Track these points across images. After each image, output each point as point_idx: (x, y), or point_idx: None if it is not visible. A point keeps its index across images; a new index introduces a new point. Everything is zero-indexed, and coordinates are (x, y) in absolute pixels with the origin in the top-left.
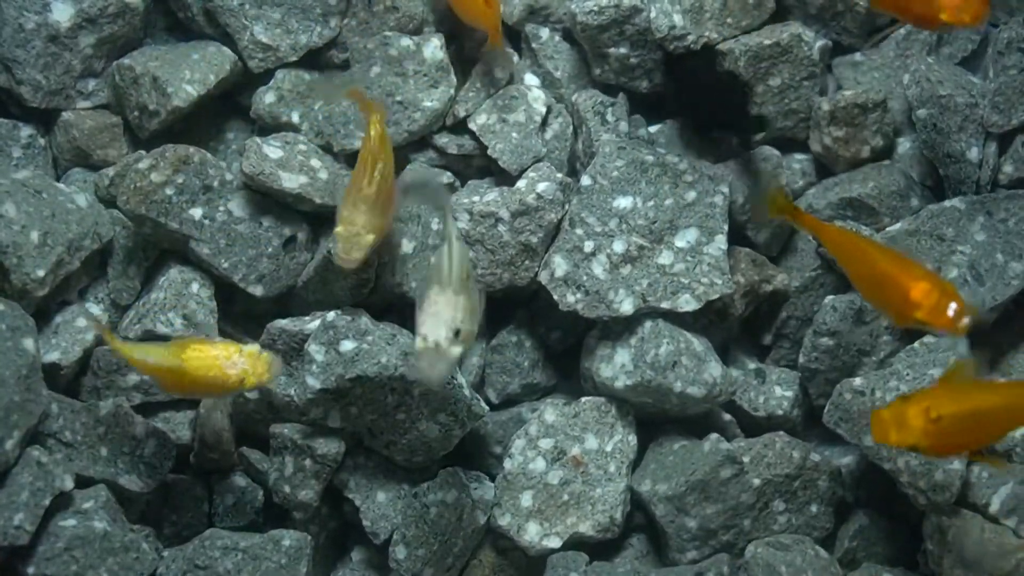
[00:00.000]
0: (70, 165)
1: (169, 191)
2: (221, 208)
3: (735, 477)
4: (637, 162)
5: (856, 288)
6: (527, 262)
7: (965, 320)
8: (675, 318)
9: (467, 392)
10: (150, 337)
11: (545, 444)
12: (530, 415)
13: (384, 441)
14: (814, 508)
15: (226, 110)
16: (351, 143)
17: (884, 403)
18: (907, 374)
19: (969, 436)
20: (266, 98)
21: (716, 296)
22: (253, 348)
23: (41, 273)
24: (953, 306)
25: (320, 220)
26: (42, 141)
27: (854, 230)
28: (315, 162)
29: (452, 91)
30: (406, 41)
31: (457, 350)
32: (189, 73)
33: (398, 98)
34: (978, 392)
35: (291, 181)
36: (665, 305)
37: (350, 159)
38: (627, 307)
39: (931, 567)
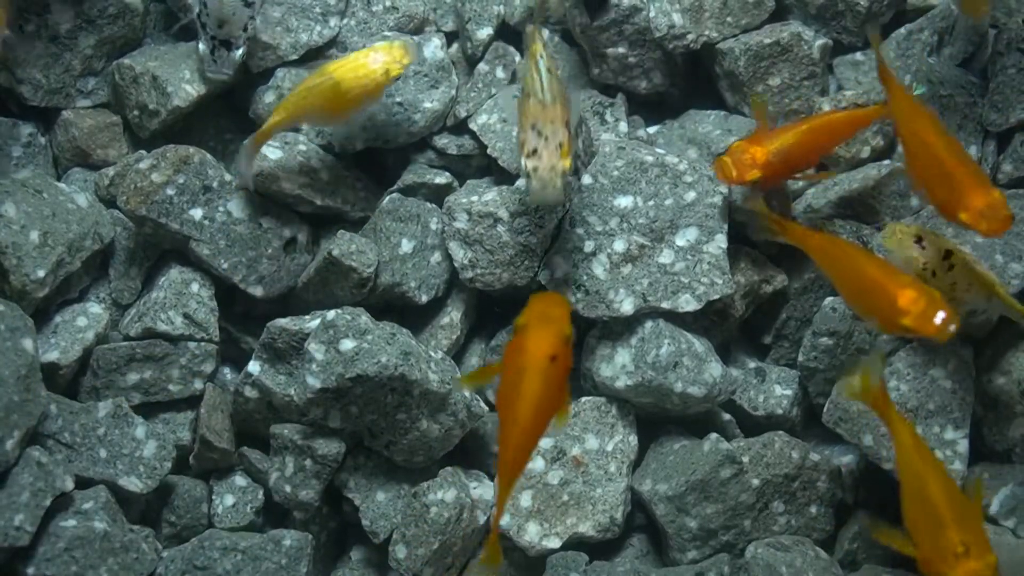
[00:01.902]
0: (70, 164)
1: (170, 191)
2: (221, 209)
3: (735, 477)
4: (637, 162)
5: (841, 295)
6: (527, 262)
7: (951, 328)
8: (675, 318)
9: (466, 392)
10: (150, 336)
11: (545, 444)
12: None
13: (384, 441)
14: (814, 509)
15: (226, 110)
16: (351, 143)
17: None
18: (907, 373)
19: (795, 161)
20: (266, 98)
21: (716, 296)
22: (384, 42)
23: (41, 274)
24: (941, 314)
25: (320, 221)
26: (42, 140)
27: (853, 229)
28: (315, 162)
29: (453, 92)
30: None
31: (567, 162)
32: (189, 73)
33: (398, 99)
34: (792, 128)
35: (291, 182)
36: (665, 305)
37: (351, 159)
38: (627, 307)
39: None
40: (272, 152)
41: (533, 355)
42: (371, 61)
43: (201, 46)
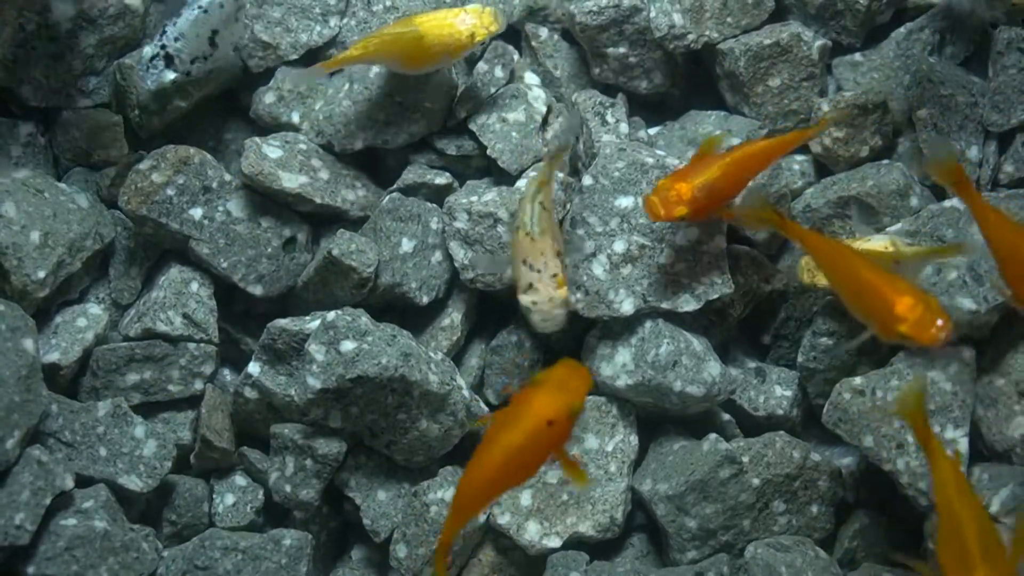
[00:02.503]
0: (71, 165)
1: (170, 191)
2: (220, 208)
3: (734, 477)
4: (638, 163)
5: (840, 298)
6: None
7: (943, 336)
8: (675, 318)
9: (466, 393)
10: (149, 336)
11: None
12: None
13: (384, 441)
14: (814, 509)
15: (226, 110)
16: (352, 143)
17: (885, 403)
18: (908, 373)
19: (720, 194)
20: (266, 98)
21: (716, 296)
22: (475, 6)
23: (42, 274)
24: (938, 322)
25: (320, 220)
26: (42, 140)
27: (853, 229)
28: (315, 162)
29: (453, 92)
30: None
31: (563, 291)
32: None
33: (398, 99)
34: (715, 161)
35: (291, 181)
36: (665, 305)
37: (351, 159)
38: (627, 307)
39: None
40: (272, 151)
41: (531, 412)
42: (459, 21)
43: (146, 48)
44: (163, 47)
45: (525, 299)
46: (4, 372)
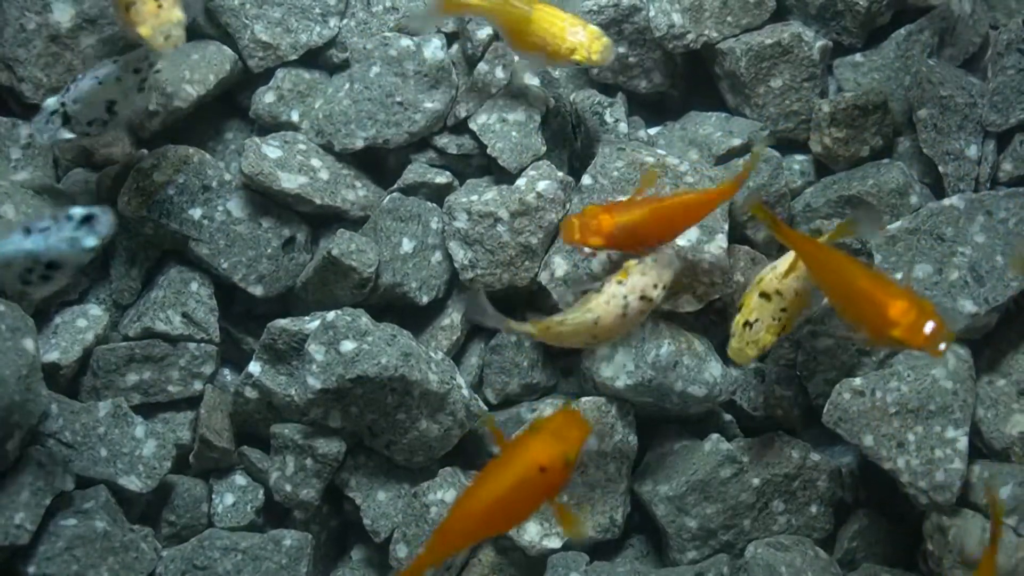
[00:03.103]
0: (71, 165)
1: (170, 191)
2: (220, 208)
3: (735, 477)
4: (637, 163)
5: (832, 304)
6: (527, 262)
7: (942, 345)
8: (676, 318)
9: (466, 392)
10: (149, 336)
11: None
12: (529, 415)
13: (384, 441)
14: (814, 508)
15: (226, 110)
16: (352, 142)
17: (885, 403)
18: (908, 375)
19: (641, 237)
20: (266, 98)
21: (716, 296)
22: (596, 29)
23: None
24: (930, 325)
25: (320, 220)
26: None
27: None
28: (315, 162)
29: (453, 92)
30: (406, 41)
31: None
32: (189, 73)
33: (398, 99)
34: (648, 203)
35: (290, 181)
36: (666, 305)
37: (351, 158)
38: None
39: (931, 567)
40: (272, 151)
41: (525, 455)
42: (571, 32)
43: (50, 100)
44: (63, 104)
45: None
46: (4, 372)
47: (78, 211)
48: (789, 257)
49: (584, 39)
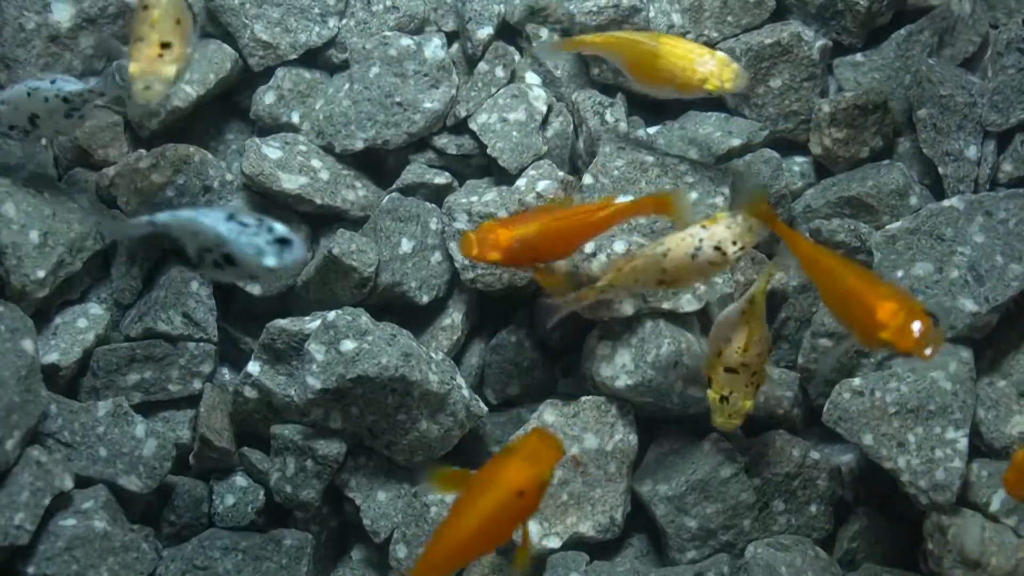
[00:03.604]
0: (71, 164)
1: (170, 191)
2: None
3: (735, 476)
4: (637, 162)
5: (826, 305)
6: None
7: (929, 349)
8: (675, 318)
9: (466, 392)
10: (150, 336)
11: None
12: (529, 415)
13: (384, 441)
14: (813, 508)
15: (226, 110)
16: (352, 143)
17: (884, 403)
18: (907, 375)
19: (540, 252)
20: (266, 98)
21: (717, 296)
22: (724, 56)
23: (41, 274)
24: (918, 326)
25: (320, 220)
26: (43, 140)
27: (852, 228)
28: (316, 162)
29: (453, 91)
30: (406, 41)
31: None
32: (189, 73)
33: (397, 99)
34: (546, 216)
35: (291, 182)
36: (666, 305)
37: (351, 159)
38: (628, 307)
39: (931, 567)
40: (272, 152)
41: (502, 480)
42: (700, 62)
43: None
44: None
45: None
46: (4, 373)
47: (280, 229)
48: (743, 332)
49: (714, 68)
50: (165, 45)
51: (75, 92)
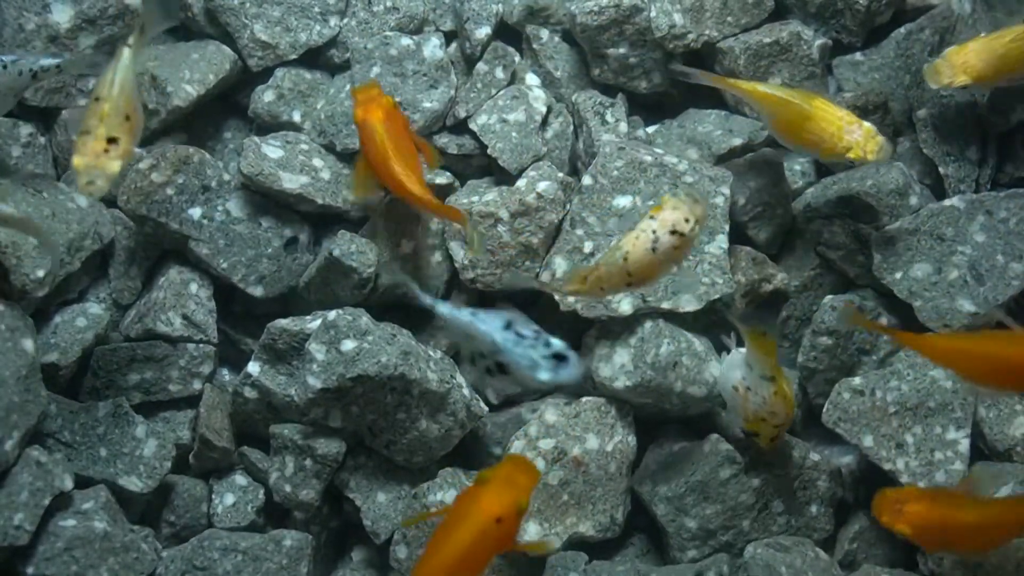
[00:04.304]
0: (70, 164)
1: (170, 191)
2: (219, 208)
3: (734, 477)
4: (636, 162)
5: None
6: (527, 263)
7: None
8: (675, 318)
9: (466, 392)
10: (149, 337)
11: (545, 445)
12: (530, 416)
13: (384, 441)
14: (813, 509)
15: (225, 110)
16: (353, 143)
17: (885, 403)
18: (908, 374)
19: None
20: (265, 97)
21: (717, 296)
22: (871, 127)
23: (41, 273)
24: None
25: (321, 220)
26: (42, 140)
27: (852, 228)
28: (317, 161)
29: (452, 91)
30: (406, 41)
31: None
32: (189, 73)
33: (397, 99)
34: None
35: (292, 181)
36: (666, 305)
37: (352, 158)
38: (626, 307)
39: (931, 567)
40: (272, 151)
41: (479, 509)
42: (848, 130)
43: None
44: None
45: None
46: (3, 372)
47: (557, 344)
48: (778, 402)
49: (860, 138)
50: (112, 140)
51: (44, 67)
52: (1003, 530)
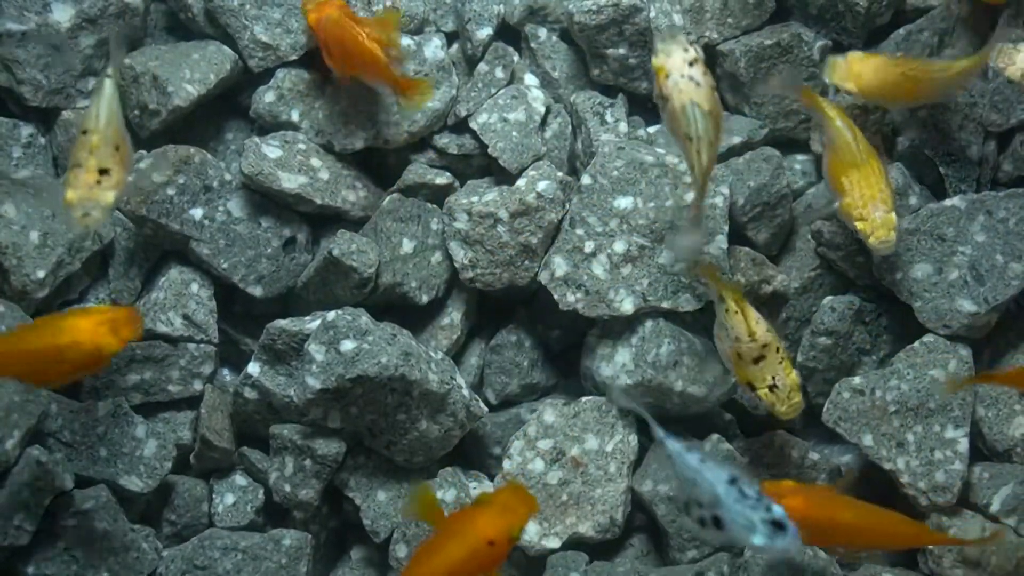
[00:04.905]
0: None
1: (170, 191)
2: (220, 208)
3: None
4: (637, 162)
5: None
6: (527, 262)
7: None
8: (676, 318)
9: (466, 392)
10: (149, 337)
11: (544, 445)
12: (529, 415)
13: (384, 441)
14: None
15: (226, 110)
16: (352, 143)
17: (885, 402)
18: (907, 373)
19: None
20: (266, 97)
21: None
22: (893, 219)
23: (41, 274)
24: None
25: (320, 220)
26: (42, 140)
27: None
28: (315, 161)
29: (453, 91)
30: (406, 41)
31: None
32: (189, 72)
33: (397, 99)
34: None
35: (290, 181)
36: (666, 305)
37: (351, 158)
38: (627, 306)
39: (931, 567)
40: (271, 151)
41: (474, 528)
42: (871, 204)
43: None
44: None
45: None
46: None
47: (777, 512)
48: (739, 323)
49: (879, 219)
50: (103, 171)
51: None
52: (872, 535)
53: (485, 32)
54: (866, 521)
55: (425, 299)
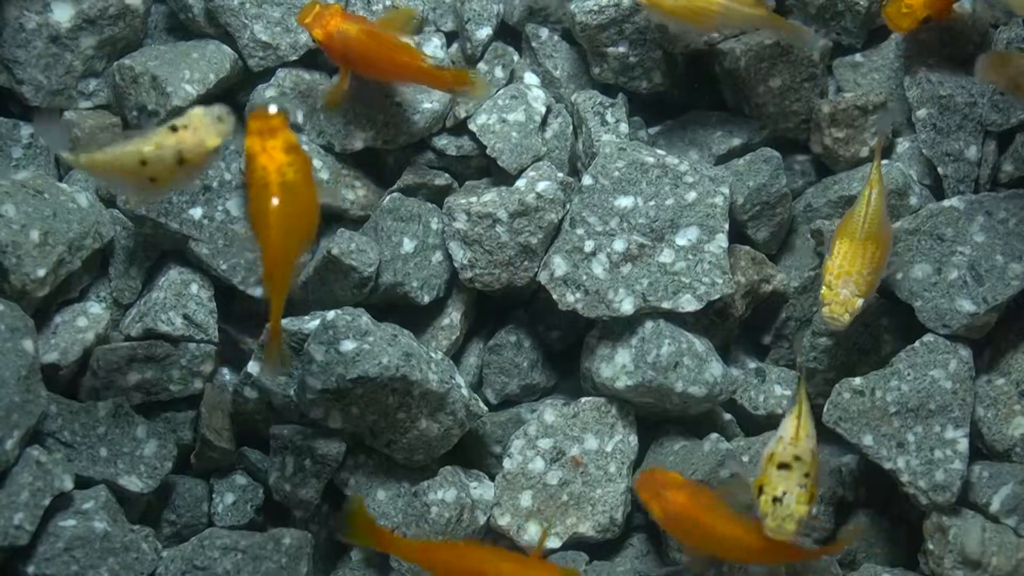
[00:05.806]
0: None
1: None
2: (220, 208)
3: (735, 477)
4: (637, 163)
5: None
6: (526, 263)
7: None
8: (676, 318)
9: (465, 392)
10: (150, 336)
11: (544, 444)
12: (529, 415)
13: (384, 440)
14: (813, 508)
15: None
16: (351, 143)
17: (885, 403)
18: (908, 373)
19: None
20: (266, 95)
21: (717, 296)
22: (858, 304)
23: (41, 273)
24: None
25: (320, 220)
26: (43, 141)
27: None
28: (316, 162)
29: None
30: (406, 40)
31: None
32: (189, 73)
33: (397, 99)
34: (381, 35)
35: None
36: (666, 305)
37: (351, 159)
38: (627, 307)
39: (931, 567)
40: None
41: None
42: (845, 280)
43: None
44: None
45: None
46: (4, 372)
47: None
48: (792, 423)
49: (841, 296)
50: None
51: None
52: (741, 549)
53: (484, 32)
54: (732, 532)
55: (427, 299)
